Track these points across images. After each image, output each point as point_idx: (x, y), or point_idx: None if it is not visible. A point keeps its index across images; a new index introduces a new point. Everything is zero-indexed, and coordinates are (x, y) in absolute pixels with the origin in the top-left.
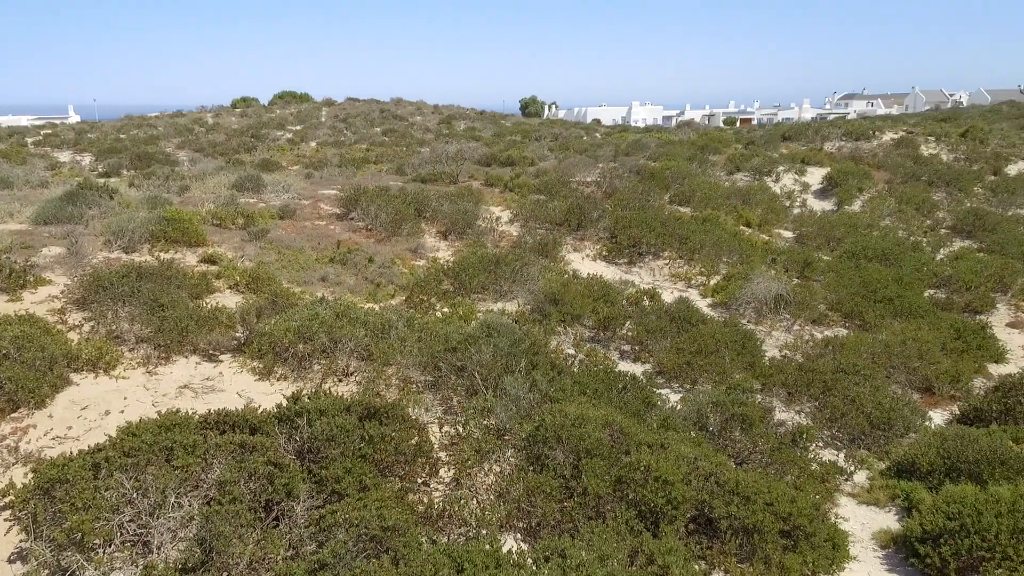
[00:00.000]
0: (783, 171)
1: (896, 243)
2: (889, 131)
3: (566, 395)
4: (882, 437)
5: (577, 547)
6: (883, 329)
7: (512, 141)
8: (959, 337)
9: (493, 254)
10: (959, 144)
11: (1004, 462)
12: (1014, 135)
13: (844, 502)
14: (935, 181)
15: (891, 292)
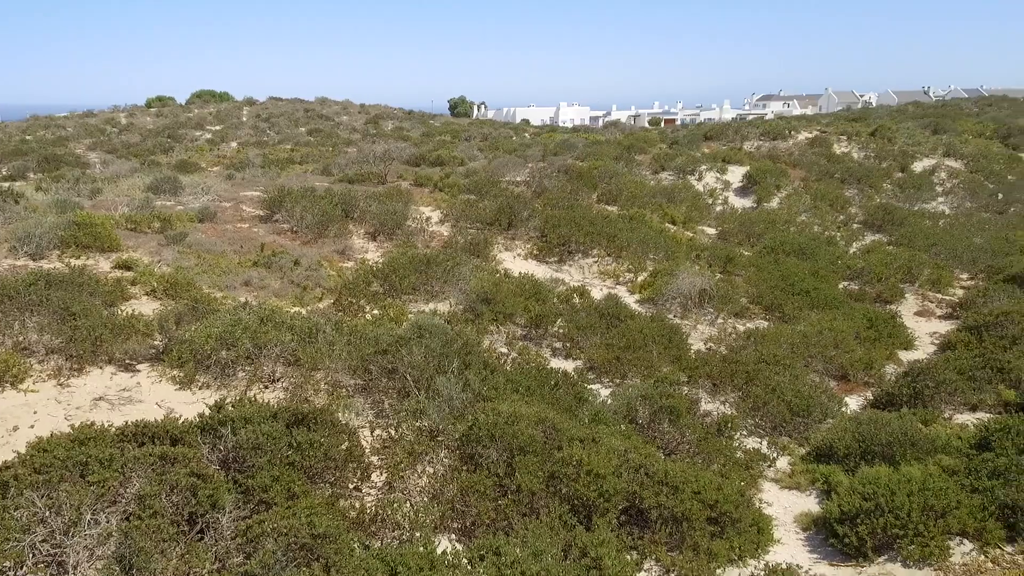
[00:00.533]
0: (705, 170)
1: (812, 238)
2: (804, 131)
3: (499, 394)
4: (802, 424)
5: (512, 544)
6: (801, 320)
7: (441, 141)
8: (871, 326)
9: (424, 254)
10: (869, 143)
11: (914, 443)
12: (919, 134)
13: (768, 488)
14: (847, 178)
15: (808, 285)
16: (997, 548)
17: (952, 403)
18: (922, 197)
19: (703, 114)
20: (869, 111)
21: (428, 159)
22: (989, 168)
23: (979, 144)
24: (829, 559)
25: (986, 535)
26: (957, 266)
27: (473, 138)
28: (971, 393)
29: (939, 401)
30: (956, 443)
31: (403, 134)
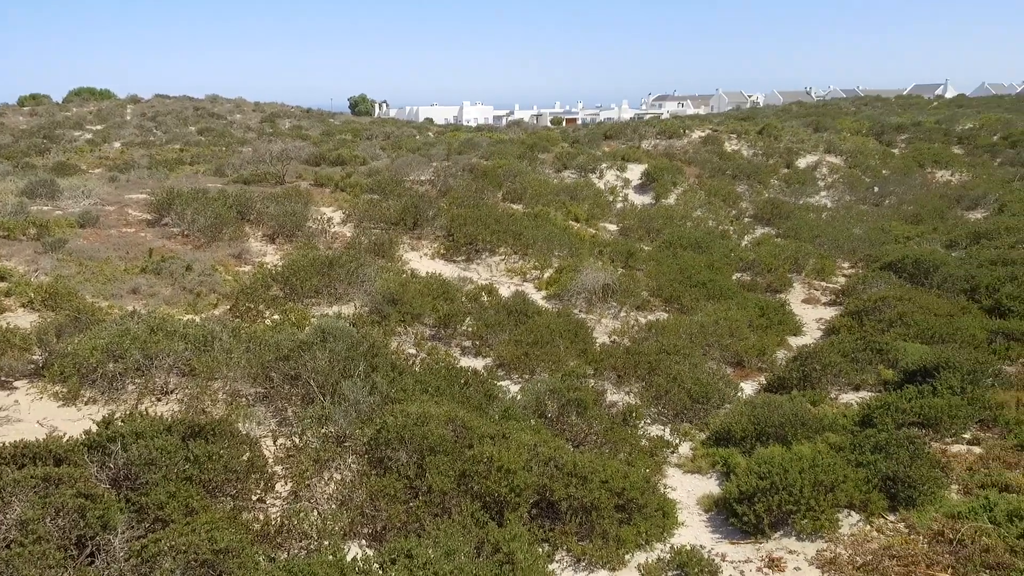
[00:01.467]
0: (606, 168)
1: (707, 232)
2: (697, 129)
3: (408, 395)
4: (702, 410)
5: (423, 546)
6: (698, 311)
7: (342, 140)
8: (763, 315)
9: (326, 256)
10: (757, 140)
11: (804, 423)
12: (802, 132)
13: (672, 473)
14: (738, 175)
15: (704, 277)
16: (881, 517)
17: (837, 384)
18: (806, 191)
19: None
20: (757, 111)
21: (328, 158)
22: (866, 163)
23: (856, 141)
24: (730, 538)
25: (871, 506)
26: (839, 255)
27: (375, 137)
28: (854, 374)
29: (826, 383)
30: (842, 421)
31: (302, 133)
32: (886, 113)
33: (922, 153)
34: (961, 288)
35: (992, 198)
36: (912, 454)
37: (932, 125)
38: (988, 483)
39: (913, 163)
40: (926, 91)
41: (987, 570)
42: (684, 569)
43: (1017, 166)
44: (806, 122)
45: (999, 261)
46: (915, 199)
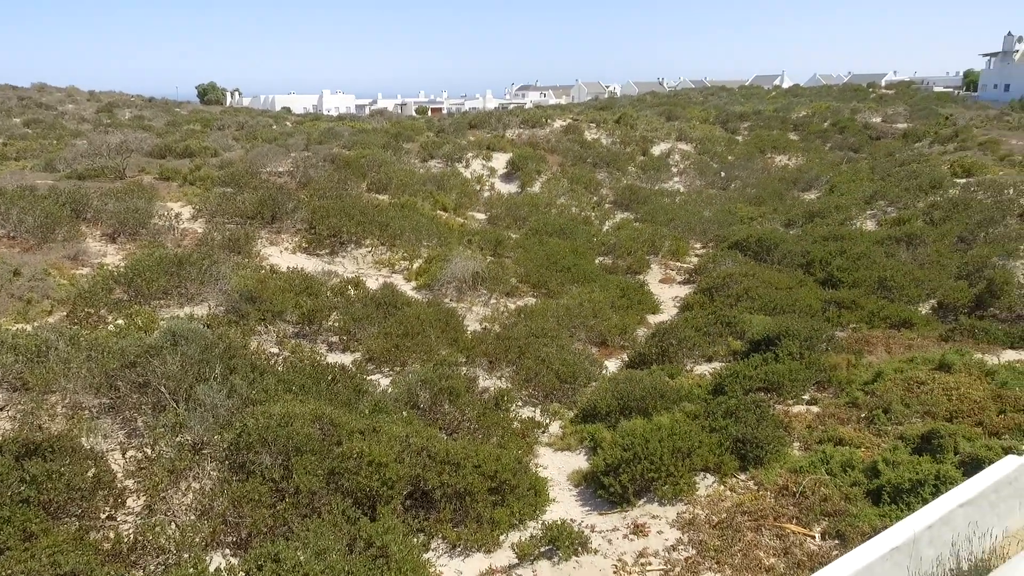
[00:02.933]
0: (472, 157)
1: (571, 219)
2: (559, 119)
3: (270, 396)
4: (570, 389)
5: (292, 548)
6: (565, 295)
7: (190, 131)
8: (624, 295)
9: (174, 254)
10: (615, 129)
11: (663, 395)
12: (656, 121)
13: (543, 452)
14: (598, 162)
15: (569, 262)
16: (733, 477)
17: (692, 356)
18: (661, 177)
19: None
20: (614, 100)
21: (175, 150)
22: (713, 150)
23: (705, 129)
24: (599, 509)
25: (724, 467)
26: (692, 237)
27: (227, 127)
28: (707, 346)
29: (682, 356)
30: (697, 391)
31: (144, 124)
32: (731, 103)
33: (763, 139)
34: (798, 263)
35: (824, 180)
36: (759, 417)
37: (771, 113)
38: (825, 438)
39: (755, 149)
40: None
41: (826, 517)
42: (555, 543)
43: (845, 150)
44: (659, 111)
45: (830, 237)
46: (757, 182)
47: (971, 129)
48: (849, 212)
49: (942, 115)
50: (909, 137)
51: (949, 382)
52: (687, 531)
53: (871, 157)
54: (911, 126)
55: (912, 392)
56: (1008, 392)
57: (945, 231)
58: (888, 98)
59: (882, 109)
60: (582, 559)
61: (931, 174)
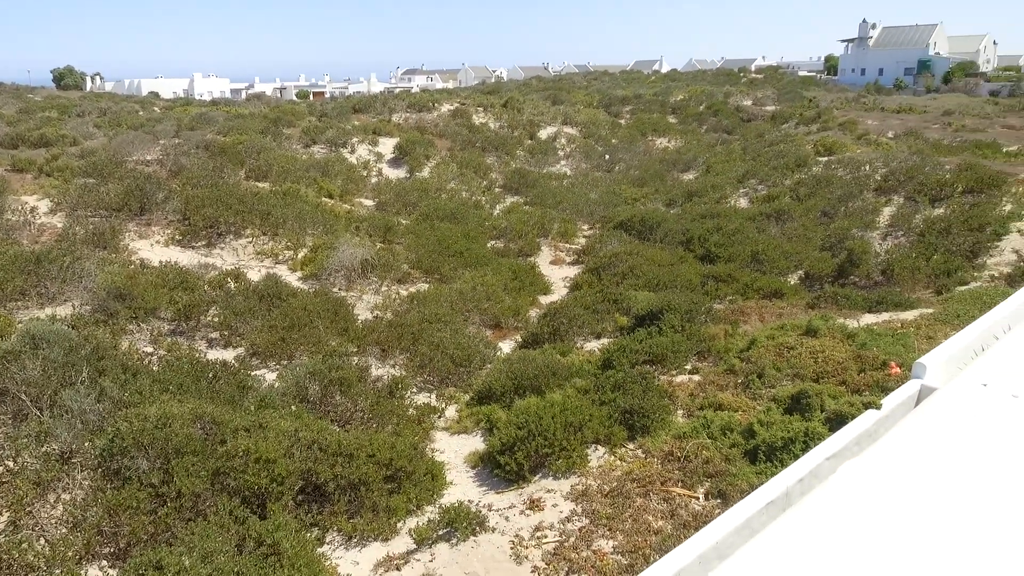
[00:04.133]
0: (358, 142)
1: (461, 203)
2: (447, 103)
3: (145, 398)
4: (465, 372)
5: (175, 554)
6: (457, 279)
7: (45, 118)
8: (516, 278)
9: (31, 252)
10: (502, 113)
11: (555, 373)
12: (542, 105)
13: (439, 436)
14: (487, 146)
15: (461, 246)
16: (622, 447)
17: (582, 334)
18: (548, 161)
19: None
20: (501, 85)
21: (29, 140)
22: (598, 133)
23: (589, 113)
24: (496, 488)
25: (613, 438)
26: (579, 218)
27: (88, 114)
28: (596, 324)
29: (572, 334)
30: (587, 367)
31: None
32: (613, 87)
33: (644, 123)
34: (679, 240)
35: (701, 161)
36: (645, 388)
37: (651, 97)
38: (705, 404)
39: (637, 132)
40: (645, 67)
41: (708, 478)
42: (453, 525)
43: (719, 132)
44: (545, 96)
45: (708, 215)
46: (640, 165)
47: (832, 111)
48: (724, 191)
49: (806, 98)
50: (777, 119)
51: (815, 346)
52: (580, 502)
53: (743, 138)
54: (779, 108)
55: (783, 357)
56: (866, 352)
57: (810, 206)
58: (758, 82)
59: (752, 93)
60: (480, 538)
61: (797, 153)
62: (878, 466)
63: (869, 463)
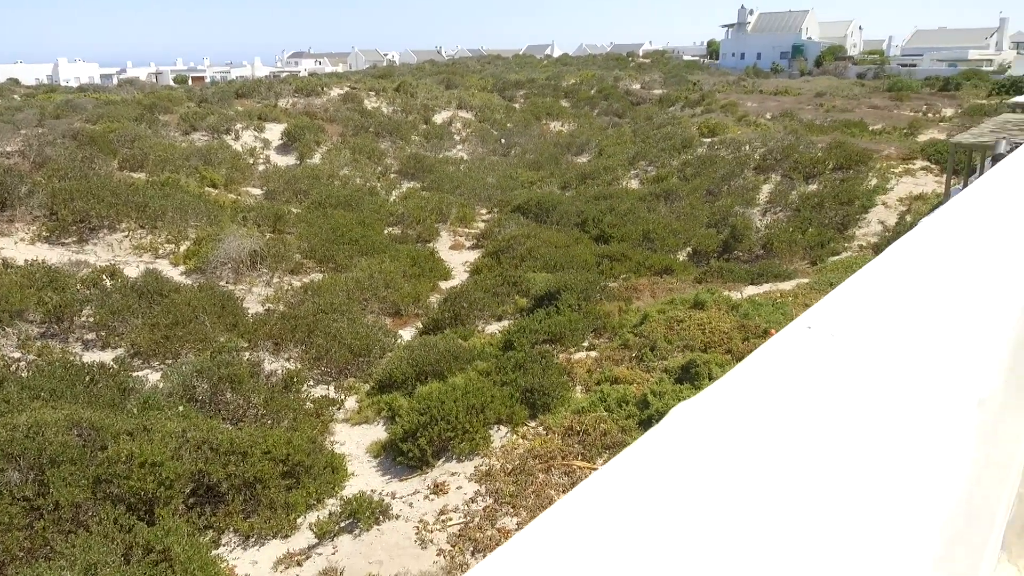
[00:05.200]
0: (242, 128)
1: (355, 190)
2: (336, 87)
3: (13, 406)
4: (364, 362)
5: (56, 569)
6: (354, 268)
7: None
8: (415, 264)
9: None
10: (395, 98)
11: (457, 357)
12: (436, 89)
13: (340, 428)
14: (381, 131)
15: (356, 234)
16: (524, 425)
17: (483, 317)
18: (444, 145)
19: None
20: (393, 69)
21: None
22: (493, 117)
23: (483, 97)
24: (399, 476)
25: (515, 417)
26: (477, 203)
27: None
28: (496, 306)
29: (474, 317)
30: (489, 349)
31: None
32: (506, 71)
33: (538, 107)
34: (575, 222)
35: (593, 144)
36: (544, 367)
37: (544, 81)
38: (603, 379)
39: (531, 116)
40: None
41: (607, 450)
42: (355, 516)
43: (610, 115)
44: (439, 80)
45: (601, 197)
46: (535, 148)
47: (715, 94)
48: (616, 173)
49: (691, 82)
50: (664, 102)
51: (703, 318)
52: (484, 482)
53: (633, 122)
54: (665, 92)
55: (673, 330)
56: (749, 322)
57: (696, 186)
58: (646, 66)
59: (641, 77)
60: (384, 527)
61: (683, 135)
62: (706, 404)
63: (700, 402)
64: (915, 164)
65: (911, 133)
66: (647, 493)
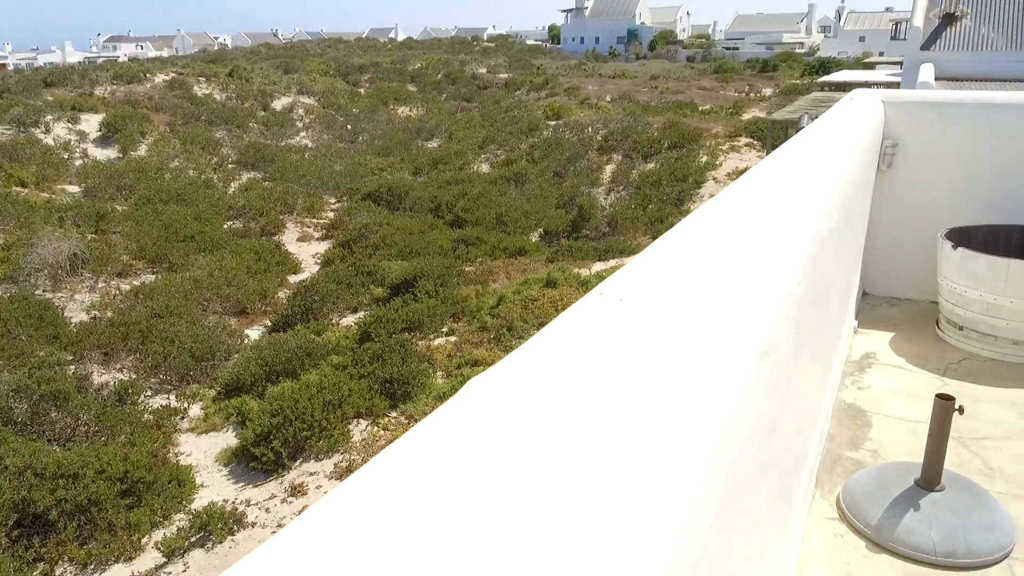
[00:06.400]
0: (53, 120)
1: (189, 183)
2: (161, 73)
3: None
4: (209, 366)
5: None
6: (191, 266)
7: None
8: (260, 259)
9: None
10: (229, 84)
11: (310, 353)
12: (273, 74)
13: (185, 439)
14: (214, 120)
15: (192, 230)
16: (385, 416)
17: (338, 310)
18: (286, 133)
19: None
20: (225, 53)
21: None
22: (337, 103)
23: (326, 82)
24: (253, 482)
25: (375, 409)
26: (325, 192)
27: None
28: (351, 298)
29: (327, 311)
30: (345, 343)
31: None
32: (349, 55)
33: (384, 92)
34: (428, 208)
35: (443, 128)
36: (403, 356)
37: (389, 66)
38: (463, 363)
39: (378, 101)
40: (381, 34)
41: None
42: (207, 529)
43: (458, 100)
44: (276, 64)
45: (453, 181)
46: (384, 134)
47: (558, 78)
48: (467, 157)
49: (534, 65)
50: (510, 86)
51: (555, 295)
52: (345, 478)
53: (481, 106)
54: (511, 76)
55: (528, 309)
56: None
57: (544, 168)
58: (490, 50)
59: (486, 61)
60: (239, 536)
61: (529, 119)
62: (499, 374)
63: (493, 374)
64: (740, 141)
65: (736, 112)
66: (431, 468)
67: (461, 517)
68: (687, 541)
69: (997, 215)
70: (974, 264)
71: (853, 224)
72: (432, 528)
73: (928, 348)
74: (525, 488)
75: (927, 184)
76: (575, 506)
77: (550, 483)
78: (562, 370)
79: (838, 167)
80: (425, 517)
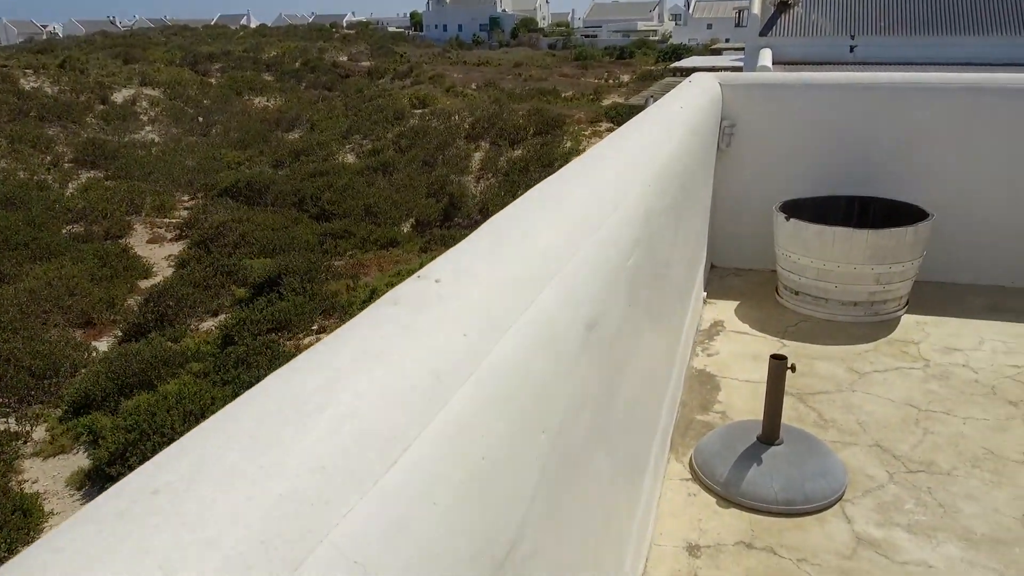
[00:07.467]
0: None
1: (19, 185)
2: None
3: None
4: (52, 384)
5: None
6: (25, 276)
7: None
8: (105, 264)
9: None
10: (61, 76)
11: (167, 362)
12: (112, 64)
13: (29, 465)
14: (46, 115)
15: (25, 237)
16: None
17: (196, 314)
18: (130, 128)
19: None
20: (56, 42)
21: None
22: (186, 94)
23: (172, 72)
24: None
25: None
26: (177, 189)
27: None
28: (210, 300)
29: (184, 316)
30: (206, 348)
31: None
32: (196, 43)
33: (237, 81)
34: (291, 201)
35: (304, 119)
36: (271, 358)
37: (242, 54)
38: None
39: (231, 91)
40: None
41: None
42: None
43: (319, 89)
44: (114, 53)
45: (317, 173)
46: (239, 126)
47: (422, 65)
48: (331, 148)
49: (398, 53)
50: (373, 74)
51: None
52: None
53: (343, 94)
54: (373, 64)
55: None
56: None
57: (412, 157)
58: (351, 38)
59: (347, 48)
60: None
61: (394, 107)
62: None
63: (296, 362)
64: (601, 126)
65: (596, 98)
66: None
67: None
68: (500, 518)
69: (825, 187)
70: (805, 233)
71: (695, 201)
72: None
73: (769, 313)
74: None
75: (763, 161)
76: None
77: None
78: (366, 352)
79: (673, 147)
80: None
